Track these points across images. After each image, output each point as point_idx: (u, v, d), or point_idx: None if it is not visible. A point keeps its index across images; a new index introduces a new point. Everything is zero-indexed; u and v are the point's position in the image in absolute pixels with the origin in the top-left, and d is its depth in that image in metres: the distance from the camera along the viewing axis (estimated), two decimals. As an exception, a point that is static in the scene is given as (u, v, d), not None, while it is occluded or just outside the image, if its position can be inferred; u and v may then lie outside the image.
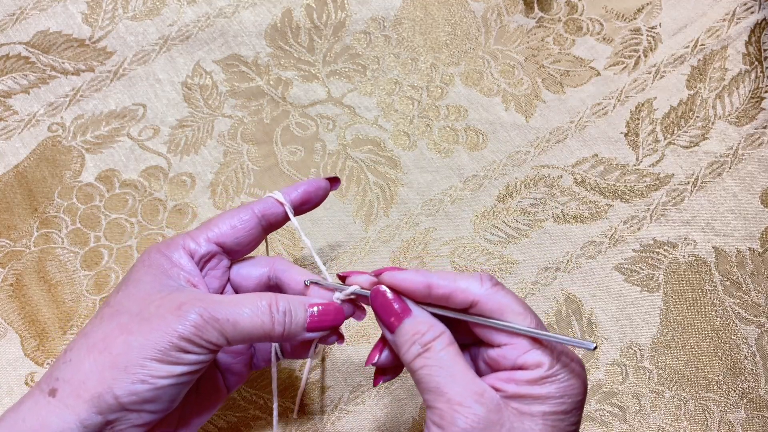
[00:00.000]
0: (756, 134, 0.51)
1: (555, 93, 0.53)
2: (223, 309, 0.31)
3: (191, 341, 0.29)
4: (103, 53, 0.53)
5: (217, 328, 0.30)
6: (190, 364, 0.30)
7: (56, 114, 0.52)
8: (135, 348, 0.29)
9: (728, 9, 0.54)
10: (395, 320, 0.31)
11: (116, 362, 0.29)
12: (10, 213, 0.49)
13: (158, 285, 0.32)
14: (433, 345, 0.30)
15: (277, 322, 0.32)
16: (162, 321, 0.30)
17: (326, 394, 0.45)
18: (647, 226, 0.49)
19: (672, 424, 0.45)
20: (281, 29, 0.54)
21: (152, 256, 0.33)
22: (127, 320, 0.30)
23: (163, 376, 0.29)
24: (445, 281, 0.31)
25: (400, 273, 0.32)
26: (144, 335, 0.30)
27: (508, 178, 0.50)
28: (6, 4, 0.55)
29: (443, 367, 0.30)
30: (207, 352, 0.30)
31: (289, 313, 0.32)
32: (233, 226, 0.35)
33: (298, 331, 0.33)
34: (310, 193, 0.38)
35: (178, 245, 0.34)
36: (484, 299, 0.31)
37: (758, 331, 0.47)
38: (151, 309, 0.31)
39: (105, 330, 0.31)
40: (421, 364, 0.30)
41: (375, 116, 0.52)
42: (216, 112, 0.52)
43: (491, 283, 0.31)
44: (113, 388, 0.29)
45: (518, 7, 0.55)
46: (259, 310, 0.31)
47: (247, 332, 0.31)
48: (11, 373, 0.45)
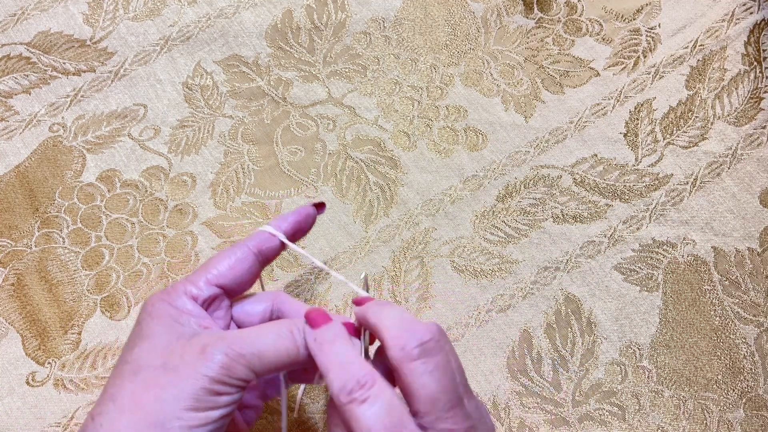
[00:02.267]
0: (755, 134, 0.51)
1: (554, 93, 0.53)
2: (246, 343, 0.30)
3: (222, 382, 0.29)
4: (104, 54, 0.54)
5: (245, 363, 0.29)
6: (225, 406, 0.29)
7: (57, 114, 0.52)
8: (168, 401, 0.28)
9: (727, 10, 0.55)
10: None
11: (151, 420, 0.28)
12: (11, 213, 0.49)
13: (174, 333, 0.31)
14: None
15: (302, 346, 0.31)
16: (189, 368, 0.29)
17: (326, 394, 0.45)
18: (646, 226, 0.49)
19: (671, 423, 0.45)
20: (282, 30, 0.55)
21: (156, 307, 0.32)
22: (153, 375, 0.29)
23: (201, 425, 0.28)
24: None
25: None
26: (174, 386, 0.29)
27: (507, 178, 0.51)
28: (7, 5, 0.55)
29: None
30: (238, 390, 0.30)
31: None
32: (231, 266, 0.34)
33: None
34: (300, 222, 0.38)
35: (180, 292, 0.33)
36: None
37: (757, 330, 0.47)
38: (175, 359, 0.30)
39: (131, 389, 0.29)
40: None
41: (375, 116, 0.52)
42: (216, 112, 0.52)
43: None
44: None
45: (518, 8, 0.56)
46: (281, 337, 0.31)
47: (274, 361, 0.30)
48: (12, 372, 0.45)
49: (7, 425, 0.44)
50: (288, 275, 0.48)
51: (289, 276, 0.48)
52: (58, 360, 0.46)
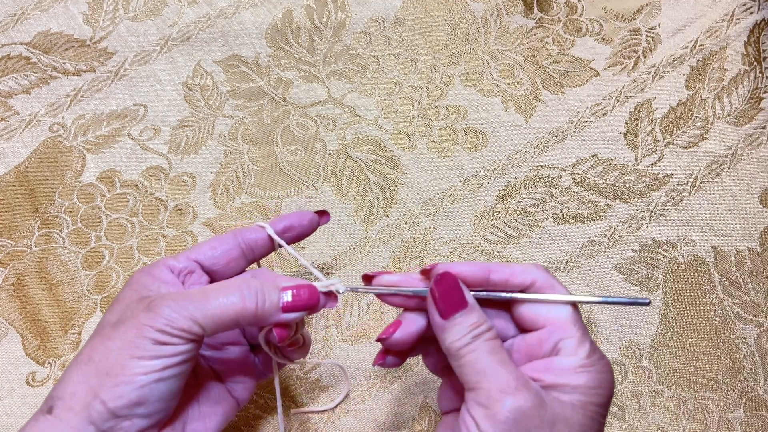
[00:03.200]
0: (755, 134, 0.51)
1: (554, 93, 0.53)
2: (192, 297, 0.31)
3: (164, 332, 0.30)
4: (104, 54, 0.54)
5: (188, 316, 0.30)
6: (169, 356, 0.30)
7: (57, 114, 0.52)
8: (113, 351, 0.30)
9: (727, 10, 0.55)
10: (452, 308, 0.32)
11: (99, 369, 0.30)
12: (11, 213, 0.49)
13: (137, 296, 0.33)
14: (485, 335, 0.31)
15: (249, 303, 0.32)
16: (134, 320, 0.30)
17: (326, 394, 0.45)
18: (646, 226, 0.49)
19: (671, 423, 0.45)
20: (282, 30, 0.55)
21: (135, 277, 0.34)
22: (107, 330, 0.31)
23: (144, 372, 0.29)
24: (503, 267, 0.33)
25: (457, 263, 0.33)
26: (120, 337, 0.30)
27: (507, 178, 0.51)
28: (7, 5, 0.55)
29: (493, 353, 0.30)
30: (184, 342, 0.30)
31: (261, 293, 0.32)
32: (212, 247, 0.36)
33: (272, 311, 0.32)
34: (294, 223, 0.39)
35: (160, 263, 0.35)
36: (541, 281, 0.32)
37: (757, 330, 0.47)
38: (126, 314, 0.31)
39: (89, 345, 0.31)
40: (472, 349, 0.31)
41: (375, 116, 0.52)
42: (216, 112, 0.52)
43: (546, 271, 0.33)
44: (99, 393, 0.29)
45: (518, 8, 0.56)
46: (230, 293, 0.31)
47: (218, 316, 0.31)
48: (12, 372, 0.45)
49: (7, 425, 0.44)
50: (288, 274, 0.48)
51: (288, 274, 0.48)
52: (58, 360, 0.46)
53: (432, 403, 0.45)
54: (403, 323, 0.34)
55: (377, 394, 0.45)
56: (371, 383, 0.46)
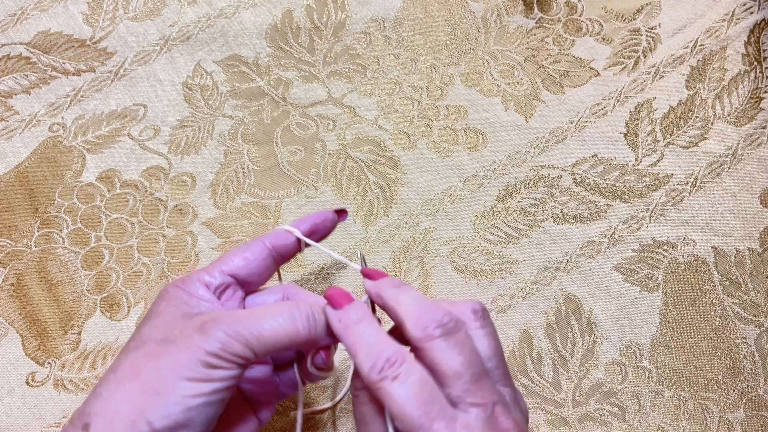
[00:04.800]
0: (755, 134, 0.51)
1: (554, 93, 0.53)
2: (245, 321, 0.31)
3: (218, 356, 0.29)
4: (103, 53, 0.54)
5: (242, 341, 0.30)
6: (220, 381, 0.30)
7: (57, 114, 0.52)
8: (163, 370, 0.29)
9: (727, 9, 0.55)
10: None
11: (147, 388, 0.29)
12: (11, 213, 0.49)
13: (180, 313, 0.32)
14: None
15: (302, 327, 0.32)
16: (187, 341, 0.30)
17: (326, 394, 0.45)
18: (646, 226, 0.49)
19: (671, 423, 0.45)
20: (282, 30, 0.55)
21: (170, 291, 0.34)
22: (153, 347, 0.30)
23: (194, 395, 0.29)
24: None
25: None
26: (171, 357, 0.30)
27: (507, 178, 0.51)
28: (7, 5, 0.55)
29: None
30: (235, 367, 0.30)
31: (312, 317, 0.32)
32: (246, 258, 0.36)
33: (321, 334, 0.33)
34: (317, 224, 0.39)
35: (194, 279, 0.34)
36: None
37: (757, 330, 0.47)
38: (176, 333, 0.31)
39: (132, 360, 0.31)
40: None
41: (375, 116, 0.52)
42: (216, 112, 0.52)
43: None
44: (146, 413, 0.28)
45: (518, 8, 0.56)
46: (281, 317, 0.31)
47: (272, 341, 0.31)
48: (12, 372, 0.45)
49: (7, 425, 0.44)
50: (289, 275, 0.48)
51: (290, 276, 0.48)
52: (58, 360, 0.46)
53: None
54: None
55: (377, 394, 0.45)
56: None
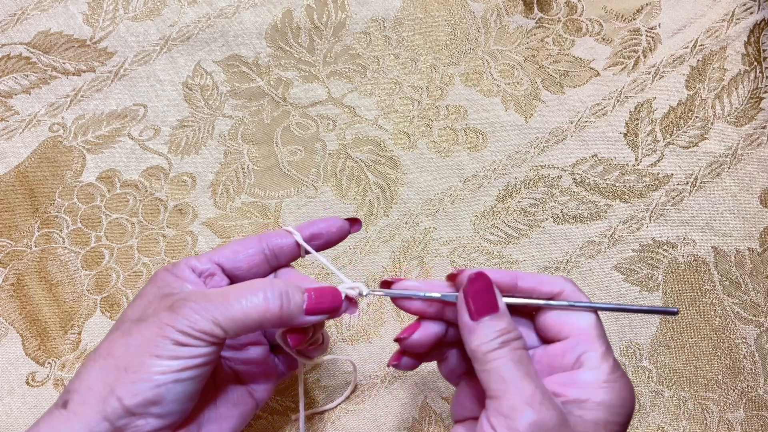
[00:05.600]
0: (755, 134, 0.51)
1: (554, 93, 0.53)
2: (215, 299, 0.31)
3: (185, 333, 0.30)
4: (103, 53, 0.54)
5: (210, 318, 0.30)
6: (189, 358, 0.30)
7: (57, 114, 0.52)
8: (133, 347, 0.30)
9: (727, 10, 0.55)
10: (483, 309, 0.31)
11: (118, 364, 0.30)
12: (11, 213, 0.49)
13: (160, 294, 0.32)
14: (513, 344, 0.31)
15: (273, 305, 0.31)
16: (156, 318, 0.30)
17: (326, 393, 0.45)
18: (646, 226, 0.49)
19: (671, 423, 0.45)
20: (282, 30, 0.55)
21: (159, 274, 0.34)
22: (128, 326, 0.31)
23: (162, 372, 0.29)
24: (531, 275, 0.33)
25: (486, 269, 0.33)
26: (140, 334, 0.30)
27: (507, 178, 0.51)
28: (7, 5, 0.55)
29: (520, 363, 0.30)
30: (204, 345, 0.30)
31: (285, 295, 0.32)
32: (235, 250, 0.35)
33: (295, 314, 0.32)
34: (322, 229, 0.37)
35: (182, 263, 0.34)
36: (569, 291, 0.32)
37: (757, 330, 0.47)
38: (149, 311, 0.31)
39: (109, 339, 0.31)
40: (497, 356, 0.30)
41: (375, 116, 0.52)
42: (216, 112, 0.52)
43: (573, 283, 0.33)
44: (116, 390, 0.29)
45: (518, 8, 0.56)
46: (252, 295, 0.31)
47: (241, 318, 0.31)
48: (12, 372, 0.45)
49: (7, 425, 0.44)
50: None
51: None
52: (58, 360, 0.46)
53: (432, 403, 0.45)
54: (423, 325, 0.34)
55: (377, 394, 0.45)
56: (371, 383, 0.46)
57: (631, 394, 0.30)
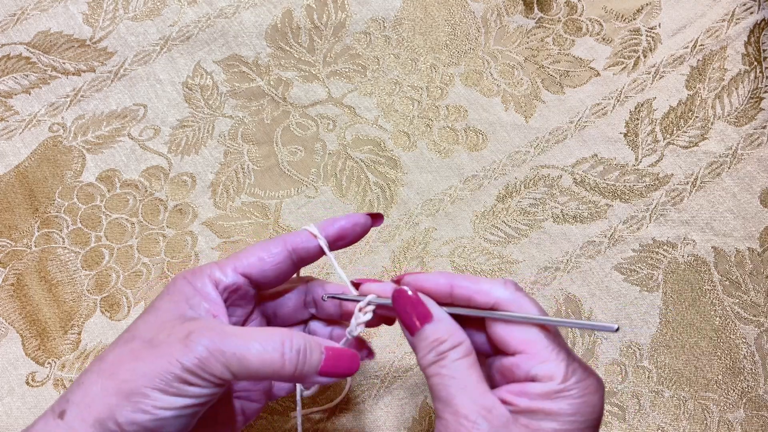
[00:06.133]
0: (755, 134, 0.51)
1: (554, 93, 0.53)
2: (231, 342, 0.29)
3: (195, 374, 0.29)
4: (103, 53, 0.54)
5: (223, 362, 0.29)
6: (194, 397, 0.29)
7: (57, 114, 0.52)
8: (140, 375, 0.29)
9: (727, 9, 0.55)
10: (416, 323, 0.31)
11: (121, 388, 0.28)
12: (11, 213, 0.49)
13: (176, 313, 0.31)
14: (449, 354, 0.30)
15: (288, 361, 0.30)
16: (168, 349, 0.29)
17: (326, 394, 0.45)
18: (647, 226, 0.49)
19: (671, 423, 0.45)
20: (282, 30, 0.55)
21: (177, 283, 0.33)
22: (139, 346, 0.30)
23: (165, 407, 0.28)
24: (467, 282, 0.31)
25: (422, 274, 0.32)
26: (150, 363, 0.29)
27: (507, 178, 0.51)
28: (7, 5, 0.55)
29: (456, 378, 0.29)
30: (212, 386, 0.29)
31: (303, 353, 0.30)
32: (261, 258, 0.34)
33: (310, 373, 0.31)
34: (347, 230, 0.36)
35: (204, 274, 0.33)
36: (506, 302, 0.31)
37: (757, 330, 0.47)
38: (161, 336, 0.30)
39: (117, 354, 0.30)
40: (434, 371, 0.30)
41: (375, 116, 0.52)
42: (216, 112, 0.52)
43: (514, 287, 0.31)
44: (116, 414, 0.28)
45: (518, 8, 0.56)
46: (269, 346, 0.30)
47: (255, 369, 0.29)
48: (12, 372, 0.45)
49: (7, 425, 0.44)
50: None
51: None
52: (58, 360, 0.46)
53: (432, 403, 0.45)
54: None
55: (377, 394, 0.45)
56: (371, 383, 0.46)
57: (592, 398, 0.29)
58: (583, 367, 0.30)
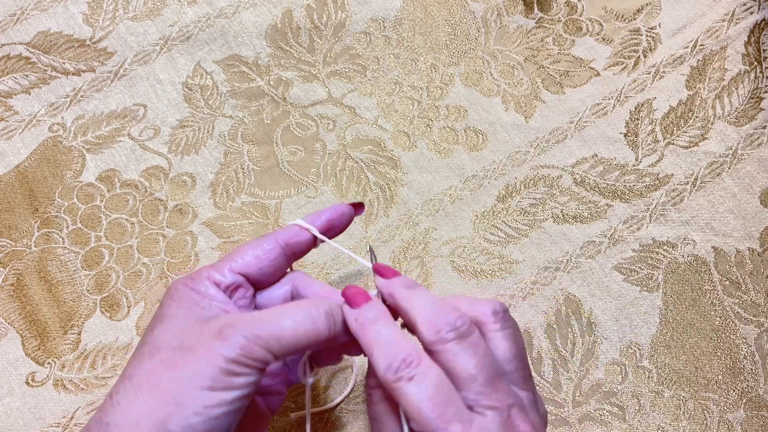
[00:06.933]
0: (755, 134, 0.51)
1: (554, 93, 0.53)
2: (264, 324, 0.30)
3: (239, 363, 0.29)
4: (103, 53, 0.54)
5: (262, 344, 0.29)
6: (242, 388, 0.29)
7: (57, 114, 0.52)
8: (184, 381, 0.28)
9: (728, 9, 0.55)
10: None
11: (167, 399, 0.28)
12: (11, 213, 0.49)
13: (193, 316, 0.31)
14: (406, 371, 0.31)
15: (321, 326, 0.31)
16: (206, 348, 0.29)
17: (326, 394, 0.45)
18: (647, 226, 0.49)
19: (671, 423, 0.45)
20: (281, 30, 0.55)
21: (179, 291, 0.33)
22: (170, 355, 0.29)
23: (216, 405, 0.28)
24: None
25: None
26: (191, 366, 0.29)
27: (507, 178, 0.51)
28: (7, 5, 0.55)
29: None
30: (256, 372, 0.29)
31: (330, 315, 0.31)
32: (257, 256, 0.34)
33: (341, 332, 0.32)
34: (334, 220, 0.37)
35: (203, 277, 0.33)
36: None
37: (757, 330, 0.47)
38: (192, 339, 0.30)
39: (148, 368, 0.29)
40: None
41: (375, 116, 0.52)
42: (216, 112, 0.52)
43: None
44: (168, 425, 0.28)
45: (518, 8, 0.56)
46: (300, 318, 0.30)
47: (293, 342, 0.30)
48: (12, 373, 0.45)
49: (7, 425, 0.44)
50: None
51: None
52: (58, 360, 0.46)
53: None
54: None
55: (377, 394, 0.45)
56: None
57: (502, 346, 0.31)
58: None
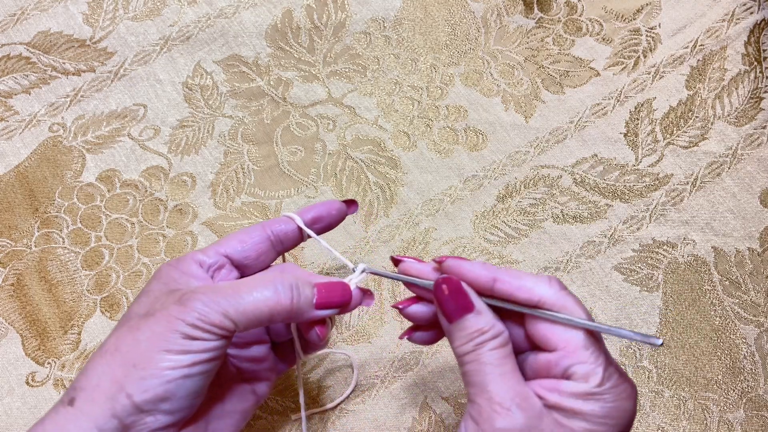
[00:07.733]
0: (755, 134, 0.51)
1: (554, 93, 0.53)
2: (225, 292, 0.31)
3: (196, 326, 0.29)
4: (103, 53, 0.54)
5: (220, 310, 0.30)
6: (199, 352, 0.30)
7: (57, 114, 0.52)
8: (143, 343, 0.29)
9: (727, 9, 0.55)
10: (456, 312, 0.31)
11: (126, 361, 0.29)
12: (11, 213, 0.49)
13: (166, 290, 0.32)
14: (489, 344, 0.30)
15: (284, 297, 0.31)
16: (165, 312, 0.30)
17: (326, 394, 0.45)
18: (646, 226, 0.49)
19: (671, 423, 0.45)
20: (282, 30, 0.55)
21: (163, 270, 0.34)
22: (135, 322, 0.31)
23: (172, 367, 0.29)
24: (510, 277, 0.31)
25: (466, 263, 0.32)
26: (149, 329, 0.30)
27: (507, 178, 0.51)
28: (7, 5, 0.55)
29: (492, 365, 0.30)
30: (215, 338, 0.30)
31: (295, 288, 0.32)
32: (242, 240, 0.35)
33: (306, 307, 0.32)
34: (322, 211, 0.38)
35: (188, 258, 0.34)
36: (550, 300, 0.30)
37: (757, 330, 0.47)
38: (156, 306, 0.31)
39: (116, 336, 0.31)
40: (472, 359, 0.30)
41: (375, 116, 0.52)
42: (216, 112, 0.52)
43: (559, 286, 0.31)
44: (125, 386, 0.29)
45: (518, 8, 0.56)
46: (263, 287, 0.31)
47: (253, 311, 0.30)
48: (12, 372, 0.45)
49: (7, 425, 0.44)
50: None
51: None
52: (58, 360, 0.46)
53: (432, 403, 0.45)
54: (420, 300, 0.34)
55: (377, 394, 0.45)
56: (371, 383, 0.46)
57: (625, 403, 0.29)
58: (619, 372, 0.30)
